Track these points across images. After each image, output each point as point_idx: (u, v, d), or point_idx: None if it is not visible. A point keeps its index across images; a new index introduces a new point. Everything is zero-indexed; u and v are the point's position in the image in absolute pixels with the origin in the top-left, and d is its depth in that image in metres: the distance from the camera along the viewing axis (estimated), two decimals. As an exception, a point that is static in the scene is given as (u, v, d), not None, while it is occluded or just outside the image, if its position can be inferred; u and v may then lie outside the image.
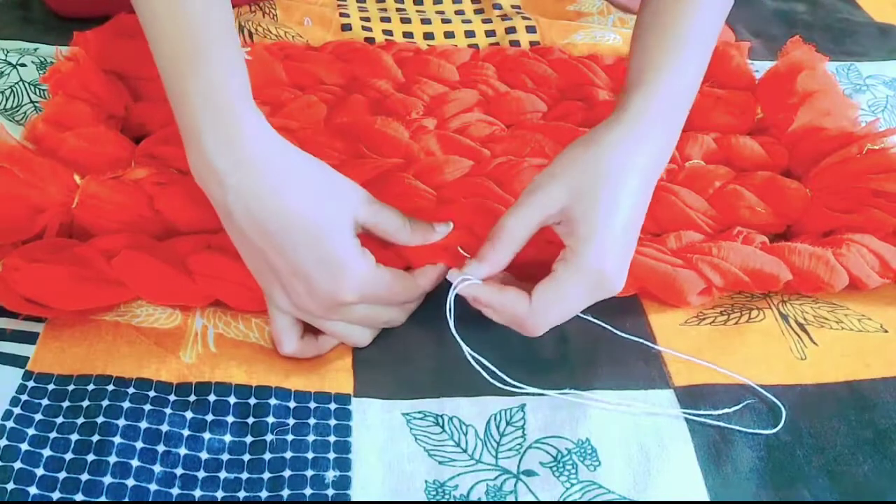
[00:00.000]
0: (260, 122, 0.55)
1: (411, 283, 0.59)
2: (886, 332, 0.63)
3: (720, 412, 0.56)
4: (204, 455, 0.52)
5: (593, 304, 0.57)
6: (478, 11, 0.96)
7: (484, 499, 0.51)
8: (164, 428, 0.53)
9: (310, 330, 0.59)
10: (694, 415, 0.56)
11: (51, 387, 0.55)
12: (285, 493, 0.51)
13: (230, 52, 0.55)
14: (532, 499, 0.51)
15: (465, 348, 0.56)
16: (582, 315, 0.61)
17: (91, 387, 0.55)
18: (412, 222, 0.59)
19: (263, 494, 0.51)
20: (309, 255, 0.53)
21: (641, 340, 0.60)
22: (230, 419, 0.54)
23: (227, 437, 0.54)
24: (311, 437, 0.54)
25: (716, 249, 0.62)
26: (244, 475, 0.52)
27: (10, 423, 0.52)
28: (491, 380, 0.57)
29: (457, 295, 0.56)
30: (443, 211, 0.64)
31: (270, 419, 0.54)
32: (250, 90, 0.56)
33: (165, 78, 0.55)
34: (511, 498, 0.51)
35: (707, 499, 0.52)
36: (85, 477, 0.50)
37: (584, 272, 0.54)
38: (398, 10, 0.95)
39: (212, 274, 0.60)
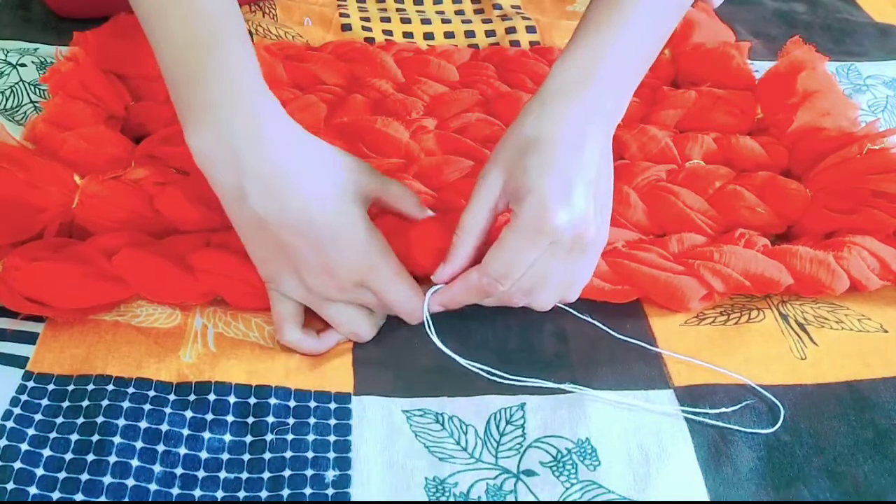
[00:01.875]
0: (277, 107, 0.56)
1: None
2: (886, 332, 0.63)
3: (720, 411, 0.56)
4: (204, 454, 0.52)
5: (576, 264, 0.57)
6: (478, 11, 0.96)
7: (484, 498, 0.51)
8: (164, 427, 0.53)
9: (313, 329, 0.59)
10: (694, 414, 0.56)
11: (51, 387, 0.55)
12: (285, 492, 0.51)
13: (245, 37, 0.56)
14: (532, 499, 0.51)
15: (459, 358, 0.57)
16: (582, 316, 0.61)
17: (91, 387, 0.55)
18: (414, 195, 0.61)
19: (263, 494, 0.51)
20: (326, 232, 0.54)
21: (640, 343, 0.60)
22: (230, 418, 0.54)
23: (227, 437, 0.53)
24: (310, 437, 0.54)
25: (717, 254, 0.62)
26: (244, 475, 0.52)
27: (10, 423, 0.52)
28: (490, 377, 0.57)
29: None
30: (443, 216, 0.64)
31: (270, 418, 0.54)
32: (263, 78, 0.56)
33: (172, 65, 0.54)
34: (511, 497, 0.51)
35: (707, 499, 0.52)
36: (85, 477, 0.50)
37: (524, 229, 0.54)
38: (398, 10, 0.95)
39: (213, 270, 0.60)
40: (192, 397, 0.55)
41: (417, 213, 0.62)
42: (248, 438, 0.54)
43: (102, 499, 0.49)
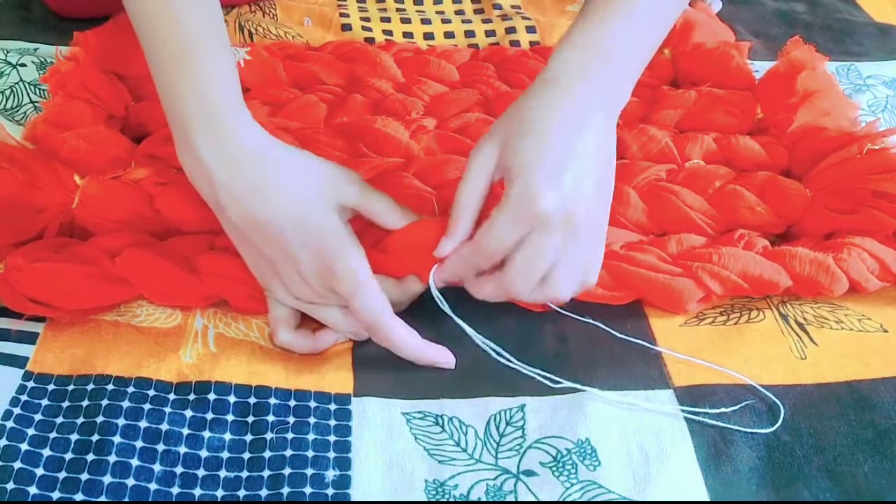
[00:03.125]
0: (247, 119, 0.57)
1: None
2: (886, 332, 0.63)
3: (720, 411, 0.56)
4: (204, 453, 0.52)
5: (568, 251, 0.56)
6: (478, 11, 0.96)
7: (484, 498, 0.51)
8: (164, 427, 0.53)
9: (309, 328, 0.59)
10: (694, 414, 0.56)
11: (51, 387, 0.55)
12: (285, 490, 0.51)
13: (220, 52, 0.56)
14: (532, 499, 0.51)
15: (470, 330, 0.58)
16: (583, 318, 0.61)
17: (91, 386, 0.55)
18: (402, 208, 0.61)
19: (263, 493, 0.51)
20: (295, 240, 0.55)
21: (640, 342, 0.60)
22: (230, 418, 0.54)
23: (227, 436, 0.53)
24: (311, 436, 0.54)
25: (716, 256, 0.62)
26: (244, 473, 0.52)
27: (10, 423, 0.52)
28: (497, 358, 0.58)
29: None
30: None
31: (270, 417, 0.54)
32: (240, 88, 0.57)
33: (157, 78, 0.56)
34: (511, 498, 0.51)
35: (707, 499, 0.52)
36: (85, 476, 0.50)
37: (512, 210, 0.55)
38: (398, 10, 0.95)
39: (218, 273, 0.60)
40: (191, 397, 0.55)
41: (395, 227, 0.61)
42: (248, 437, 0.54)
43: (102, 498, 0.49)
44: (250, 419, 0.54)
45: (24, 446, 0.51)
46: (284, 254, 0.56)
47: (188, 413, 0.54)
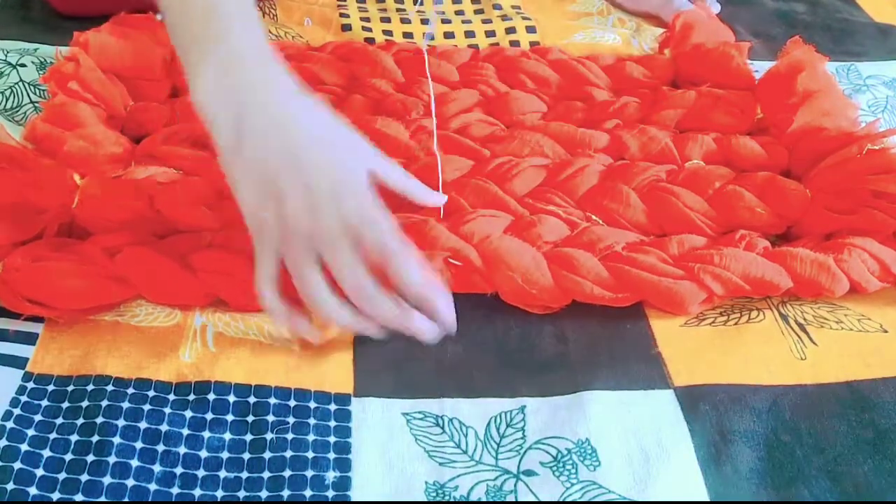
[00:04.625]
0: (284, 70, 0.58)
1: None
2: (886, 332, 0.63)
3: (720, 411, 0.56)
4: (203, 453, 0.52)
5: None
6: (478, 11, 0.96)
7: (484, 499, 0.51)
8: (164, 427, 0.53)
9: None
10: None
11: (50, 388, 0.55)
12: (285, 493, 0.51)
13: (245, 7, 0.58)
14: (532, 499, 0.51)
15: None
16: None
17: (90, 387, 0.55)
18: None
19: (263, 494, 0.51)
20: (323, 175, 0.54)
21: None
22: (230, 417, 0.54)
23: (227, 436, 0.53)
24: (311, 437, 0.54)
25: (717, 257, 0.62)
26: (244, 474, 0.52)
27: (9, 424, 0.52)
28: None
29: None
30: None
31: (270, 417, 0.54)
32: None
33: (180, 19, 0.57)
34: (511, 498, 0.51)
35: (707, 499, 0.52)
36: (85, 477, 0.50)
37: None
38: (398, 10, 0.95)
39: (215, 270, 0.60)
40: (191, 397, 0.55)
41: (413, 195, 0.63)
42: (248, 437, 0.54)
43: (102, 499, 0.49)
44: (250, 418, 0.54)
45: (24, 447, 0.51)
46: (296, 177, 0.54)
47: (188, 413, 0.54)
